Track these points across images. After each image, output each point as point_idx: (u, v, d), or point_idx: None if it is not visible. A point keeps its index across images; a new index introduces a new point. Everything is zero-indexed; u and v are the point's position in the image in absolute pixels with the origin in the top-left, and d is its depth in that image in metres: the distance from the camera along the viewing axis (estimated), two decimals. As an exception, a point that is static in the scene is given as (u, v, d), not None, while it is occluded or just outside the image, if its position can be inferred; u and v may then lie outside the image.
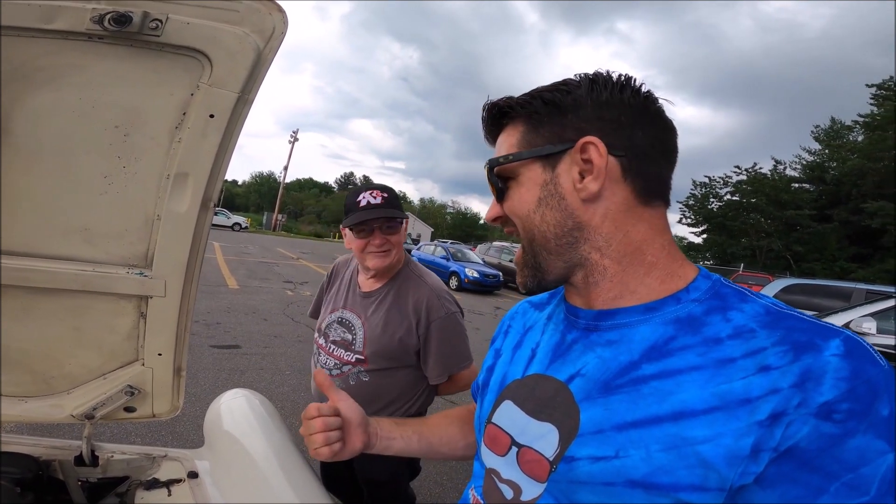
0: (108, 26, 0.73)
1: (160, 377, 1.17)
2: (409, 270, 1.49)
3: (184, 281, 1.04)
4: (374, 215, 1.33)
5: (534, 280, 0.58)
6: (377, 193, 1.36)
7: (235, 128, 0.89)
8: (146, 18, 0.74)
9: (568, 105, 0.54)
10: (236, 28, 0.79)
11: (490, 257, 17.04)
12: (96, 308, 1.05)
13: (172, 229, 0.96)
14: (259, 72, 0.84)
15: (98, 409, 1.14)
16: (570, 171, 0.54)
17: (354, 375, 1.42)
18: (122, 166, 0.89)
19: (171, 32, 0.77)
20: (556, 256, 0.56)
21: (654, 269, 0.54)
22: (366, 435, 0.74)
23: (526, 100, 0.56)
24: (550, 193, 0.55)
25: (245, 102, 0.87)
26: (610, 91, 0.53)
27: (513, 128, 0.58)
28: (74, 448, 1.20)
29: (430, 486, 2.74)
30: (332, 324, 1.50)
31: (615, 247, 0.54)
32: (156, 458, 1.27)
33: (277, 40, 0.82)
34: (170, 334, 1.12)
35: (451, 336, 1.41)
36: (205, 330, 5.20)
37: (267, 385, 3.88)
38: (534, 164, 0.56)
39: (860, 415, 0.40)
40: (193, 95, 0.84)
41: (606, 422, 0.49)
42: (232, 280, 8.99)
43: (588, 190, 0.52)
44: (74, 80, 0.80)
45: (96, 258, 0.99)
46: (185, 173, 0.90)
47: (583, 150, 0.52)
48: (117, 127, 0.85)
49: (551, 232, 0.55)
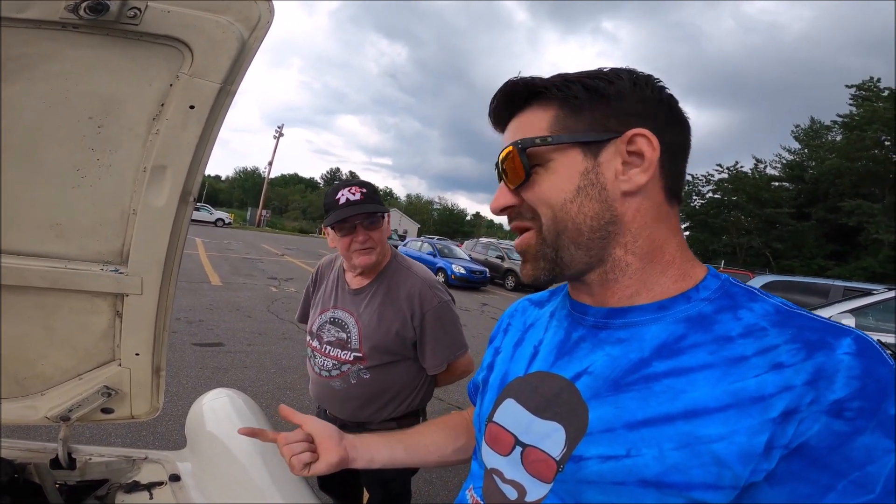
0: (84, 15, 0.70)
1: (138, 377, 1.14)
2: (397, 263, 1.47)
3: (162, 278, 1.01)
4: (353, 212, 1.31)
5: (549, 274, 0.55)
6: (356, 189, 1.34)
7: (217, 120, 0.85)
8: (124, 6, 0.71)
9: (612, 94, 0.52)
10: (220, 17, 0.76)
11: (477, 254, 17.08)
12: (68, 306, 1.02)
13: (149, 224, 0.93)
14: (243, 62, 0.81)
15: (74, 410, 1.11)
16: (614, 162, 0.52)
17: (355, 374, 1.41)
18: (96, 158, 0.85)
19: (151, 21, 0.73)
20: (584, 251, 0.53)
21: (669, 269, 0.53)
22: (341, 448, 0.74)
23: (564, 82, 0.53)
24: (591, 183, 0.52)
25: (227, 94, 0.83)
26: (651, 88, 0.53)
27: (541, 110, 0.54)
28: (50, 451, 1.16)
29: (419, 484, 2.74)
30: (324, 325, 1.48)
31: (641, 243, 0.53)
32: (136, 461, 1.24)
33: (263, 30, 0.79)
34: (147, 333, 1.08)
35: (445, 324, 1.41)
36: (186, 327, 5.10)
37: (251, 383, 3.83)
38: (572, 150, 0.53)
39: (870, 413, 0.40)
40: (173, 86, 0.80)
41: (617, 420, 0.48)
42: (215, 276, 8.84)
43: (634, 182, 0.51)
44: (47, 70, 0.76)
45: (69, 254, 0.95)
46: (163, 166, 0.87)
47: (630, 141, 0.51)
48: (91, 118, 0.81)
49: (587, 224, 0.52)
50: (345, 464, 0.74)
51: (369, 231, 1.35)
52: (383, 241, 1.40)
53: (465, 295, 12.10)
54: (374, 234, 1.36)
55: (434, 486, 2.74)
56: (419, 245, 16.20)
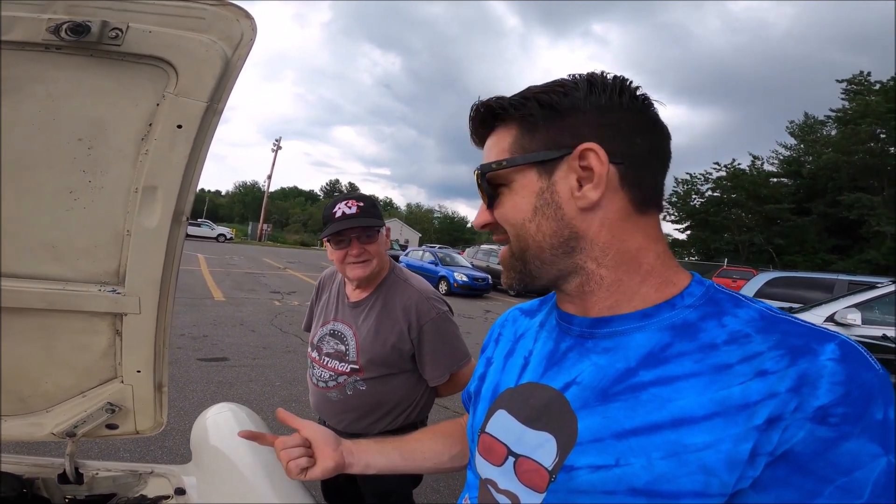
0: (66, 36, 0.71)
1: (141, 394, 1.15)
2: (395, 276, 1.48)
3: (159, 297, 1.01)
4: (347, 225, 1.32)
5: (520, 283, 0.57)
6: (352, 203, 1.36)
7: (205, 138, 0.86)
8: (105, 27, 0.72)
9: (565, 108, 0.51)
10: (202, 35, 0.77)
11: (478, 261, 17.06)
12: (67, 327, 1.03)
13: (144, 244, 0.93)
14: (228, 80, 0.82)
15: (79, 426, 1.13)
16: (568, 179, 0.51)
17: (351, 385, 1.41)
18: (88, 180, 0.86)
19: (133, 41, 0.74)
20: (550, 265, 0.54)
21: (649, 278, 0.53)
22: (338, 454, 0.74)
23: (519, 101, 0.53)
24: (546, 202, 0.52)
25: (214, 112, 0.84)
26: (609, 95, 0.51)
27: (505, 130, 0.55)
28: (58, 466, 1.18)
29: (426, 492, 2.72)
30: (324, 337, 1.49)
31: (612, 256, 0.53)
32: (142, 475, 1.25)
33: (246, 47, 0.80)
34: (148, 351, 1.10)
35: (444, 335, 1.41)
36: (191, 343, 5.10)
37: (257, 397, 3.82)
38: (529, 171, 0.53)
39: (855, 419, 0.40)
40: (159, 105, 0.81)
41: (605, 430, 0.48)
42: (218, 292, 8.86)
43: (587, 199, 0.51)
44: (33, 92, 0.77)
45: (65, 276, 0.96)
46: (154, 186, 0.88)
47: (582, 156, 0.50)
48: (80, 140, 0.82)
49: (546, 242, 0.53)
50: (341, 469, 0.74)
51: (365, 244, 1.36)
52: (380, 254, 1.40)
53: (468, 302, 12.08)
54: (369, 247, 1.37)
55: (441, 495, 2.72)
56: (420, 254, 16.20)
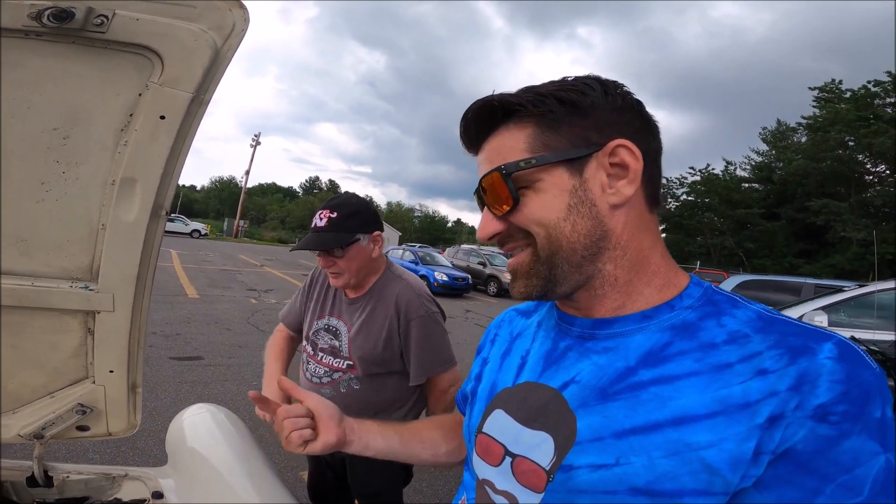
0: (48, 23, 0.68)
1: (113, 395, 1.12)
2: (390, 273, 1.46)
3: (134, 294, 0.98)
4: (309, 246, 1.30)
5: (541, 291, 0.54)
6: (325, 214, 1.31)
7: (189, 130, 0.83)
8: (90, 14, 0.68)
9: (587, 106, 0.51)
10: (192, 25, 0.74)
11: (459, 260, 17.10)
12: (36, 325, 0.99)
13: (119, 239, 0.90)
14: (216, 71, 0.79)
15: (48, 428, 1.09)
16: (598, 176, 0.51)
17: (346, 383, 1.39)
18: (62, 171, 0.82)
19: (118, 29, 0.71)
20: (577, 269, 0.52)
21: (654, 278, 0.54)
22: (340, 430, 0.72)
23: (536, 98, 0.51)
24: (581, 200, 0.51)
25: (200, 103, 0.81)
26: (621, 96, 0.52)
27: (517, 129, 0.53)
28: (26, 468, 1.15)
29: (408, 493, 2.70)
30: (318, 331, 1.46)
31: (629, 256, 0.53)
32: (116, 478, 1.22)
33: (237, 38, 0.77)
34: (121, 350, 1.06)
35: (431, 335, 1.39)
36: (163, 342, 4.96)
37: (232, 397, 3.74)
38: (558, 169, 0.51)
39: (854, 417, 0.40)
40: (142, 95, 0.78)
41: (605, 429, 0.48)
42: (191, 289, 8.63)
43: (622, 194, 0.51)
44: (8, 79, 0.73)
45: (35, 271, 0.92)
46: (133, 179, 0.84)
47: (612, 153, 0.51)
48: (56, 129, 0.78)
49: (581, 242, 0.51)
50: (341, 445, 0.73)
51: (335, 258, 1.32)
52: (353, 267, 1.34)
53: (448, 302, 12.09)
54: (339, 262, 1.32)
55: (425, 496, 2.71)
56: (401, 253, 16.13)
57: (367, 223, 1.35)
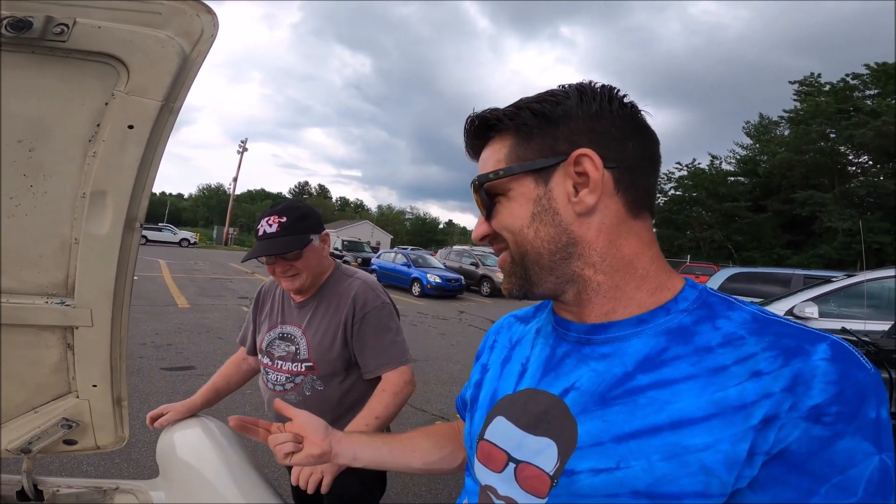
0: (6, 32, 0.66)
1: (99, 409, 1.12)
2: (339, 273, 1.46)
3: (112, 308, 0.96)
4: (262, 252, 1.30)
5: (520, 290, 0.57)
6: (273, 220, 1.31)
7: (160, 139, 0.81)
8: (49, 23, 0.67)
9: (558, 116, 0.53)
10: (158, 31, 0.72)
11: (451, 262, 17.06)
12: (14, 341, 0.98)
13: (93, 253, 0.88)
14: (185, 78, 0.78)
15: (34, 442, 1.09)
16: (564, 185, 0.53)
17: (309, 385, 1.38)
18: (29, 185, 0.80)
19: (80, 37, 0.69)
20: (548, 272, 0.55)
21: (644, 282, 0.54)
22: (325, 442, 0.75)
23: (513, 111, 0.55)
24: (544, 208, 0.53)
25: (170, 111, 0.80)
26: (599, 102, 0.53)
27: (500, 141, 0.57)
28: (16, 483, 1.14)
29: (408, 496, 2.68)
30: (273, 341, 1.45)
31: (609, 262, 0.54)
32: (107, 491, 1.22)
33: (206, 44, 0.76)
34: (103, 365, 1.05)
35: (386, 327, 1.38)
36: (154, 352, 4.91)
37: (226, 405, 3.68)
38: (525, 179, 0.54)
39: (848, 417, 0.40)
40: (108, 105, 0.76)
41: (605, 434, 0.49)
42: (182, 299, 8.54)
43: (584, 203, 0.52)
44: (-34, 91, 0.71)
45: (9, 288, 0.90)
46: (103, 191, 0.82)
47: (577, 162, 0.52)
48: (20, 142, 0.76)
49: (545, 248, 0.54)
50: (327, 458, 0.75)
51: (291, 261, 1.32)
52: (310, 267, 1.36)
53: (442, 304, 12.06)
54: (295, 262, 1.33)
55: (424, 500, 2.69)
56: (393, 256, 16.05)
57: (317, 224, 1.39)
